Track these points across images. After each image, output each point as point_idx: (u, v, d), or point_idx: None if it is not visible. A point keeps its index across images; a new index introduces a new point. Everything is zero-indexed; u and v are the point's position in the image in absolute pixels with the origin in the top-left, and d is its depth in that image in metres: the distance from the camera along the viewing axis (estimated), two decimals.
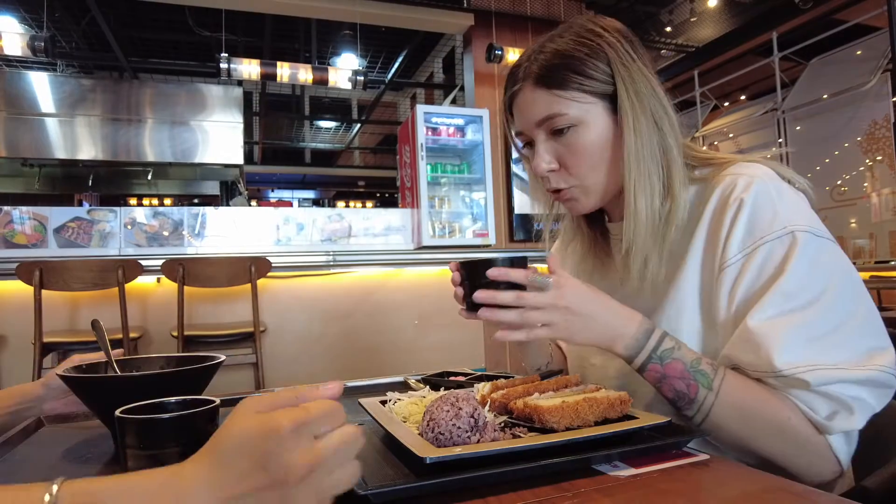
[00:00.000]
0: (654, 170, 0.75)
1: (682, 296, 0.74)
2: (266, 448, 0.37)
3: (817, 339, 0.63)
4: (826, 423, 0.64)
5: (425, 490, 0.50)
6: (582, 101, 0.75)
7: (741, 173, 0.72)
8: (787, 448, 0.66)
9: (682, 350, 0.69)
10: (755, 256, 0.67)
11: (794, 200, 0.70)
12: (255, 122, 10.11)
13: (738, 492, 0.50)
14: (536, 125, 0.78)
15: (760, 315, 0.65)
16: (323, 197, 14.47)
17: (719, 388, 0.67)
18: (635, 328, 0.70)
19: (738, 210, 0.69)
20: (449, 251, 3.73)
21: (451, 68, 7.50)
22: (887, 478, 0.60)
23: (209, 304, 3.16)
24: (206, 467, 0.38)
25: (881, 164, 4.65)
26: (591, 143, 0.76)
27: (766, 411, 0.65)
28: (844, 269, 0.67)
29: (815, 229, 0.67)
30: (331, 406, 0.41)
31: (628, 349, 0.70)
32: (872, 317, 0.66)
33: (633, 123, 0.74)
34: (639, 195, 0.74)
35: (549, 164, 0.79)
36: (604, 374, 0.86)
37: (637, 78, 0.75)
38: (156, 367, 0.80)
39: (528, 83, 0.78)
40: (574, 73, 0.75)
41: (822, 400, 0.63)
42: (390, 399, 0.74)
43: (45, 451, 0.73)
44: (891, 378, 0.63)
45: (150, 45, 7.35)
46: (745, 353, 0.66)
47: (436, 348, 3.58)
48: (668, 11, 5.82)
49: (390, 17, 5.06)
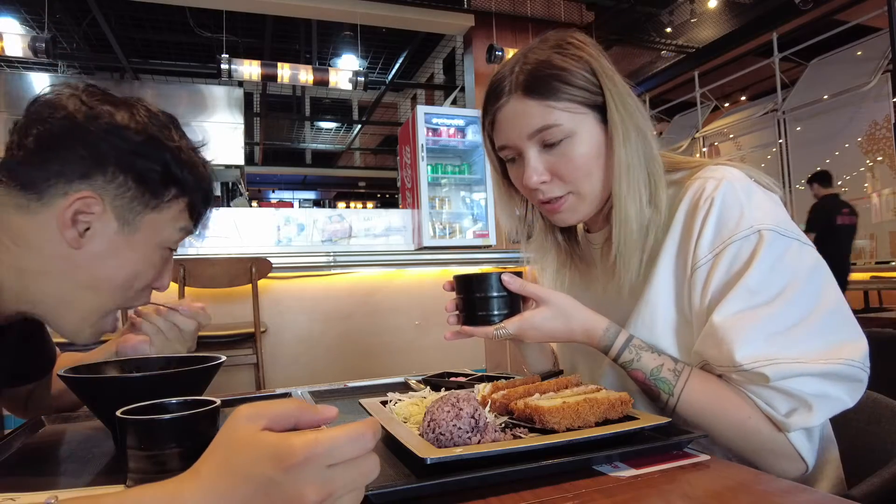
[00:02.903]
0: (643, 178, 0.76)
1: (655, 296, 0.76)
2: (271, 474, 0.35)
3: (779, 333, 0.65)
4: (784, 421, 0.65)
5: (426, 491, 0.50)
6: (574, 111, 0.76)
7: (710, 176, 0.74)
8: (748, 446, 0.68)
9: (643, 360, 0.73)
10: (724, 255, 0.69)
11: (762, 200, 0.71)
12: (256, 123, 10.12)
13: (738, 493, 0.50)
14: (528, 137, 0.77)
15: (724, 311, 0.67)
16: (323, 198, 14.50)
17: (680, 392, 0.70)
18: (601, 332, 0.75)
19: (708, 211, 0.71)
20: (449, 252, 3.73)
21: (451, 69, 7.51)
22: (873, 488, 0.60)
23: (210, 304, 3.15)
24: (209, 490, 0.36)
25: (881, 164, 4.66)
26: (585, 153, 0.77)
27: (726, 412, 0.68)
28: (810, 266, 0.68)
29: (783, 229, 0.68)
30: (355, 434, 0.37)
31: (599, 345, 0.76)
32: (840, 311, 0.67)
33: (623, 134, 0.75)
34: (629, 203, 0.76)
35: (540, 175, 0.78)
36: (591, 377, 0.88)
37: (622, 90, 0.77)
38: (156, 368, 0.80)
39: (517, 95, 0.77)
40: (564, 83, 0.75)
41: (781, 397, 0.65)
42: (391, 400, 0.74)
43: (46, 451, 0.73)
44: (858, 371, 0.64)
45: (150, 45, 7.35)
46: (710, 347, 0.68)
47: (436, 349, 3.58)
48: (669, 12, 5.82)
49: (391, 18, 5.07)
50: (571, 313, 0.75)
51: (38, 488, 0.57)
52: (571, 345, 0.88)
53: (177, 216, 0.76)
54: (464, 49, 5.46)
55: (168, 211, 0.74)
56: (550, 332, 0.76)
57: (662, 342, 0.75)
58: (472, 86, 5.21)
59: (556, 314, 0.75)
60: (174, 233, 0.76)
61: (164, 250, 0.77)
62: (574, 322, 0.75)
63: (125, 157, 0.69)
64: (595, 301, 0.80)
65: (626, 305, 0.79)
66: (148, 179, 0.71)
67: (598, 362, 0.84)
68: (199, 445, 0.40)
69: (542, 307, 0.75)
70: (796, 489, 0.50)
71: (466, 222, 4.39)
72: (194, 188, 0.76)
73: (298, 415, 0.39)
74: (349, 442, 0.37)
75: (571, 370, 0.94)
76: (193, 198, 0.77)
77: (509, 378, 0.81)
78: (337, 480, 0.36)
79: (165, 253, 0.78)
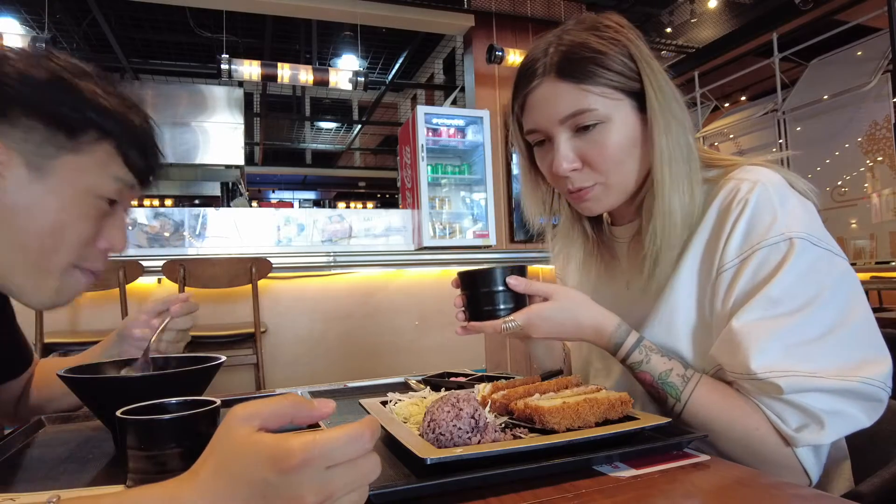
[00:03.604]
0: (685, 169, 0.73)
1: (676, 297, 0.74)
2: (269, 477, 0.34)
3: (798, 345, 0.63)
4: (794, 435, 0.63)
5: (426, 491, 0.50)
6: (610, 97, 0.72)
7: (745, 178, 0.71)
8: (749, 457, 0.66)
9: (652, 362, 0.71)
10: (751, 261, 0.67)
11: (797, 206, 0.69)
12: (256, 123, 10.11)
13: (739, 492, 0.50)
14: (560, 122, 0.74)
15: (744, 317, 0.65)
16: (324, 198, 14.49)
17: (688, 398, 0.69)
18: (612, 329, 0.73)
19: (740, 214, 0.69)
20: (449, 252, 3.73)
21: (451, 69, 7.50)
22: (882, 482, 0.60)
23: (210, 304, 3.16)
24: (206, 493, 0.36)
25: (882, 164, 4.65)
26: (619, 142, 0.73)
27: (733, 421, 0.66)
28: (840, 280, 0.65)
29: (815, 238, 0.66)
30: (354, 434, 0.36)
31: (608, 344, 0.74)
32: (865, 328, 0.65)
33: (664, 122, 0.72)
34: (673, 195, 0.72)
35: (571, 162, 0.74)
36: (606, 376, 0.87)
37: (660, 76, 0.74)
38: (156, 368, 0.80)
39: (550, 77, 0.73)
40: (601, 66, 0.72)
41: (793, 411, 0.63)
42: (391, 400, 0.74)
43: (46, 451, 0.72)
44: (878, 391, 0.62)
45: (150, 46, 7.35)
46: (725, 353, 0.67)
47: (436, 349, 3.58)
48: (669, 12, 5.82)
49: (391, 18, 5.07)
50: (580, 308, 0.73)
51: (38, 488, 0.57)
52: (585, 343, 0.85)
53: (105, 162, 0.70)
54: (464, 49, 5.46)
55: (90, 155, 0.69)
56: (559, 324, 0.73)
57: (679, 344, 0.73)
58: (472, 86, 5.21)
59: (564, 307, 0.73)
60: (107, 181, 0.71)
61: (99, 200, 0.71)
62: (583, 317, 0.73)
63: (30, 98, 0.65)
64: (616, 297, 0.77)
65: (649, 304, 0.77)
66: (59, 120, 0.66)
67: (612, 361, 0.82)
68: (199, 445, 0.40)
69: (551, 300, 0.73)
70: (796, 489, 0.50)
71: (466, 222, 4.39)
72: (120, 133, 0.70)
73: (293, 412, 0.38)
74: (347, 442, 0.36)
75: (585, 368, 0.92)
76: (121, 144, 0.71)
77: (509, 378, 0.81)
78: (336, 482, 0.36)
79: (101, 204, 0.72)
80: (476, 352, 3.74)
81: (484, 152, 4.23)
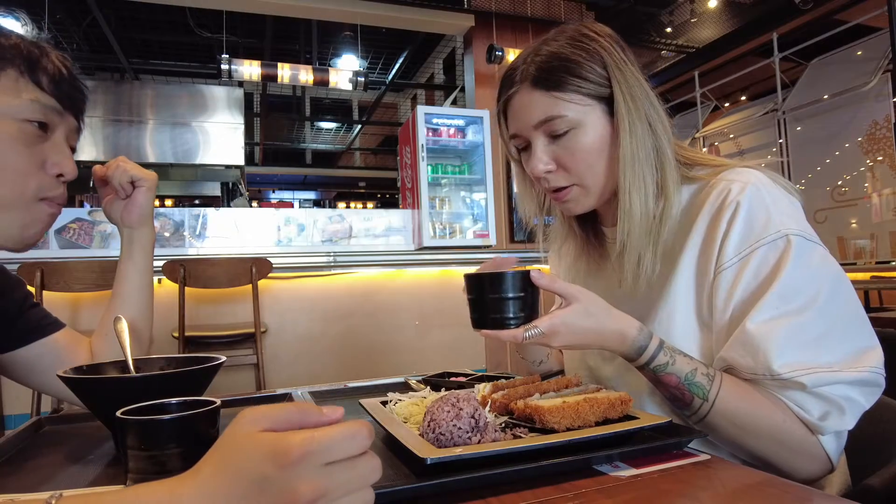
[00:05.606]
0: (649, 171, 0.76)
1: (674, 296, 0.75)
2: (267, 472, 0.35)
3: (812, 341, 0.65)
4: (819, 424, 0.65)
5: (426, 490, 0.50)
6: (580, 103, 0.76)
7: (736, 179, 0.73)
8: (780, 450, 0.67)
9: (677, 363, 0.69)
10: (751, 260, 0.69)
11: (787, 205, 0.72)
12: (256, 124, 10.12)
13: (739, 492, 0.50)
14: (534, 127, 0.78)
15: (757, 318, 0.66)
16: (324, 198, 14.49)
17: (715, 397, 0.68)
18: (635, 332, 0.70)
19: (735, 214, 0.70)
20: (449, 252, 3.73)
21: (451, 69, 7.51)
22: (874, 487, 0.60)
23: (210, 304, 3.16)
24: (205, 488, 0.36)
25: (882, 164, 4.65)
26: (589, 145, 0.77)
27: (760, 416, 0.66)
28: (834, 273, 0.68)
29: (807, 234, 0.69)
30: (351, 432, 0.37)
31: (630, 349, 0.71)
32: (860, 318, 0.68)
33: (629, 126, 0.75)
34: (633, 195, 0.75)
35: (546, 164, 0.79)
36: (599, 374, 0.87)
37: (632, 82, 0.76)
38: (156, 368, 0.80)
39: (526, 85, 0.78)
40: (572, 75, 0.76)
41: (815, 400, 0.65)
42: (391, 400, 0.74)
43: (46, 451, 0.73)
44: (879, 377, 0.66)
45: (151, 46, 7.35)
46: (743, 355, 0.67)
47: (436, 349, 3.58)
48: (669, 12, 5.82)
49: (391, 19, 5.07)
50: (603, 312, 0.70)
51: (38, 488, 0.58)
52: None
53: (14, 87, 0.72)
54: (464, 49, 5.47)
55: None
56: (583, 331, 0.69)
57: (678, 344, 0.73)
58: (472, 86, 5.21)
59: (590, 312, 0.69)
60: (24, 104, 0.72)
61: (24, 124, 0.73)
62: (606, 322, 0.69)
63: None
64: (607, 294, 0.77)
65: (639, 304, 0.78)
66: None
67: (608, 360, 0.84)
68: (199, 445, 0.40)
69: (574, 304, 0.68)
70: (796, 487, 0.50)
71: (466, 222, 4.39)
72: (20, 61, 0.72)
73: (302, 417, 0.38)
74: (345, 439, 0.37)
75: (578, 362, 0.92)
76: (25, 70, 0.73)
77: (509, 378, 0.81)
78: (332, 479, 0.36)
79: (28, 128, 0.73)
80: (476, 351, 3.74)
81: (484, 152, 4.23)
